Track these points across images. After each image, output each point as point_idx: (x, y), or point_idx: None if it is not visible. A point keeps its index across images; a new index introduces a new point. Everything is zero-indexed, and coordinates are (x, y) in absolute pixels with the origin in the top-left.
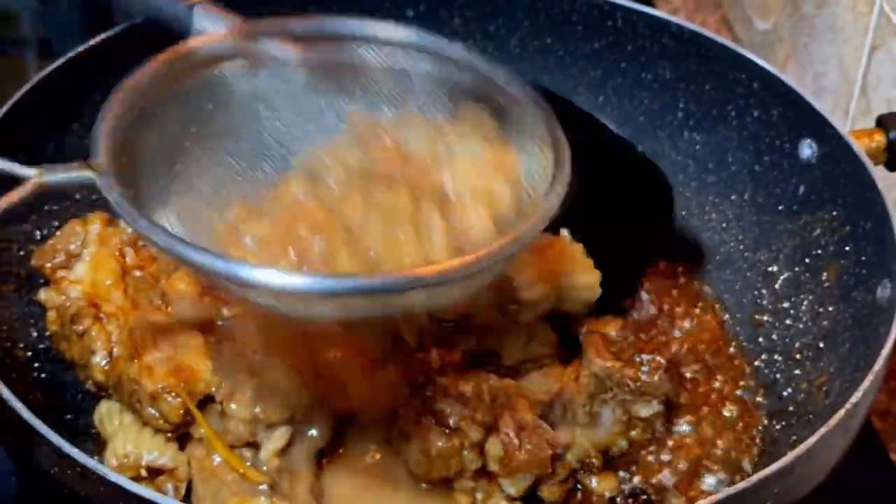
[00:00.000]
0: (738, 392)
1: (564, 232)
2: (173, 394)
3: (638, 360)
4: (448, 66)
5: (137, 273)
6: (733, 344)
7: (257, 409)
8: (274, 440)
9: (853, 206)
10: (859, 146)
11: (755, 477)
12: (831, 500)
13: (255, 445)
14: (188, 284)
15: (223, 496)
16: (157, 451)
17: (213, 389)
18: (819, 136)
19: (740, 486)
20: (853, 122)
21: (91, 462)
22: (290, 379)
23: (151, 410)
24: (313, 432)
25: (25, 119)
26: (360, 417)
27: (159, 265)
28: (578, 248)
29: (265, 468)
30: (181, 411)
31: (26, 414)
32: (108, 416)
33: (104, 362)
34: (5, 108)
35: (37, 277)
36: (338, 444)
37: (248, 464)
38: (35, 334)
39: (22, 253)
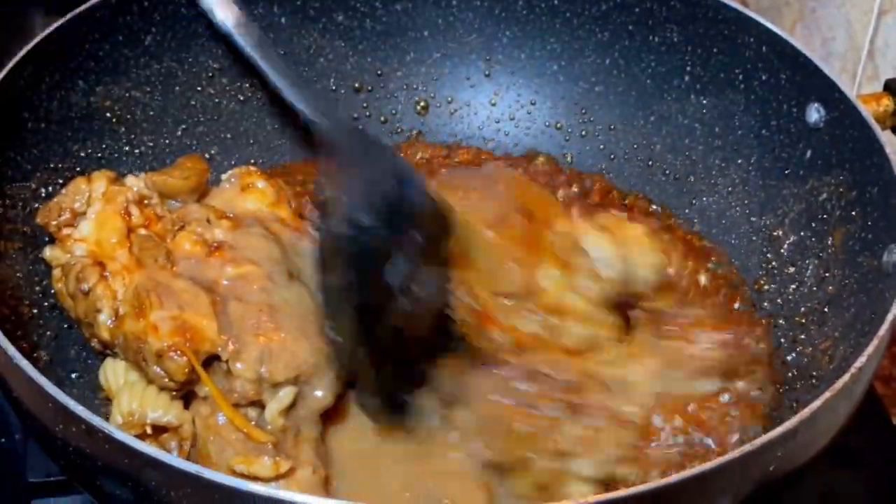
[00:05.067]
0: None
1: (621, 213)
2: (179, 352)
3: (698, 336)
4: None
5: (143, 231)
6: (743, 308)
7: (263, 369)
8: (279, 400)
9: (860, 170)
10: (867, 110)
11: (759, 441)
12: (834, 464)
13: (260, 405)
14: (193, 244)
15: (227, 455)
16: (162, 409)
17: (219, 348)
18: (827, 100)
19: (745, 448)
20: (860, 87)
21: (96, 419)
22: (297, 339)
23: (157, 369)
24: (318, 393)
25: (31, 75)
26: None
27: (164, 224)
28: (642, 229)
29: (270, 427)
30: (186, 370)
31: (32, 371)
32: (114, 374)
33: (109, 321)
34: (11, 63)
35: (42, 235)
36: (343, 404)
37: (253, 423)
38: (40, 292)
39: (27, 210)
